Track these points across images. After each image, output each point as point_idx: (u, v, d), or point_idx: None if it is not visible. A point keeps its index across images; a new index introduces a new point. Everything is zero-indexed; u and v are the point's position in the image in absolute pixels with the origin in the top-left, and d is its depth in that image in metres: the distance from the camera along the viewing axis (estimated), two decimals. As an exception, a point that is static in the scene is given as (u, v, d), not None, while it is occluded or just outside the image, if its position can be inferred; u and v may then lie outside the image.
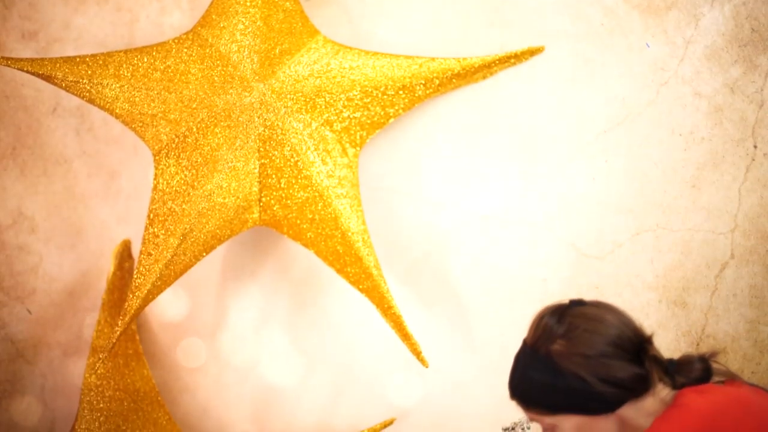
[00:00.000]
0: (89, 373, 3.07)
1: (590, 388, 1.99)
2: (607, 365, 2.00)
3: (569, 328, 2.03)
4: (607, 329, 2.03)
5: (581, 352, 2.00)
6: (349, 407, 3.20)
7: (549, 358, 2.02)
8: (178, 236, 2.80)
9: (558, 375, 2.01)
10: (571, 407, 2.03)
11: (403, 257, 3.11)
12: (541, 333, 2.06)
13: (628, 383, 2.01)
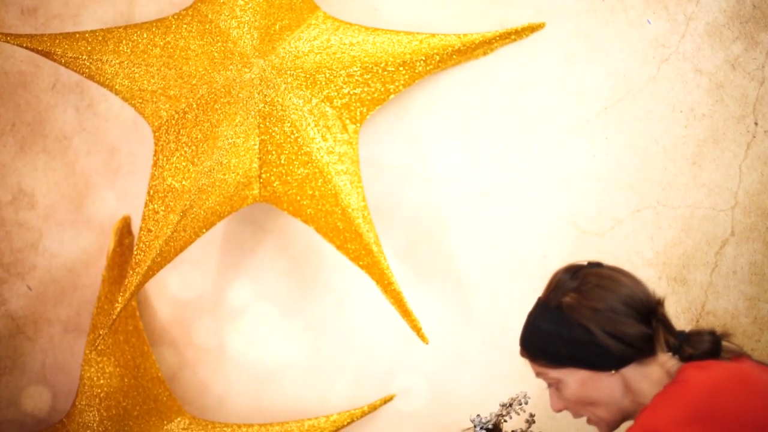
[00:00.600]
0: (89, 350, 3.08)
1: (596, 341, 2.02)
2: (615, 320, 2.03)
3: (582, 283, 2.07)
4: (620, 287, 2.06)
5: (591, 305, 2.03)
6: (348, 383, 3.20)
7: (559, 309, 2.06)
8: (178, 212, 2.80)
9: (565, 326, 2.05)
10: (575, 360, 2.06)
11: (403, 234, 3.11)
12: (554, 287, 2.11)
13: (633, 341, 2.03)
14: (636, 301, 2.06)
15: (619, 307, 2.04)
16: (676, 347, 2.07)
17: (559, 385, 2.13)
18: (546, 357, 2.11)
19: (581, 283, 2.08)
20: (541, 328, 2.11)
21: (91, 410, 3.04)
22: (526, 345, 2.15)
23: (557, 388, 2.14)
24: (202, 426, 3.15)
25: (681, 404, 1.95)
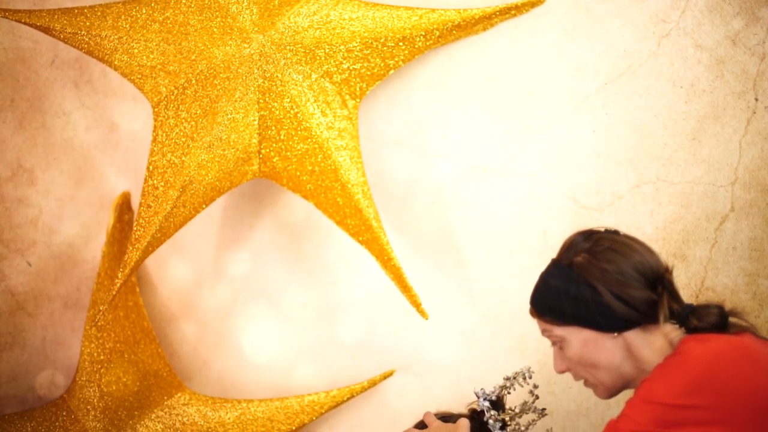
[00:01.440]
0: (90, 325, 3.08)
1: (601, 301, 2.06)
2: (622, 283, 2.06)
3: (594, 244, 2.12)
4: (632, 253, 2.10)
5: (601, 266, 2.07)
6: (348, 359, 3.21)
7: (569, 268, 2.11)
8: (177, 188, 2.79)
9: (573, 283, 2.09)
10: (579, 319, 2.10)
11: (402, 209, 3.11)
12: (568, 247, 2.17)
13: (638, 305, 2.06)
14: (645, 267, 2.09)
15: (628, 270, 2.07)
16: (683, 318, 2.09)
17: (563, 344, 2.17)
18: (552, 314, 2.15)
19: (594, 245, 2.13)
20: (550, 285, 2.16)
21: (91, 386, 3.05)
22: (535, 301, 2.20)
23: (561, 348, 2.19)
24: (202, 401, 3.15)
25: (680, 376, 1.96)
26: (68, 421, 3.05)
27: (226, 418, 3.11)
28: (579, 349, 2.14)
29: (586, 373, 2.20)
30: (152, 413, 3.11)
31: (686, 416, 1.92)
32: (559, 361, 2.23)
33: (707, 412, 1.92)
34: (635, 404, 1.98)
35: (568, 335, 2.15)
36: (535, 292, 2.22)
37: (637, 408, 1.97)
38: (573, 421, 3.03)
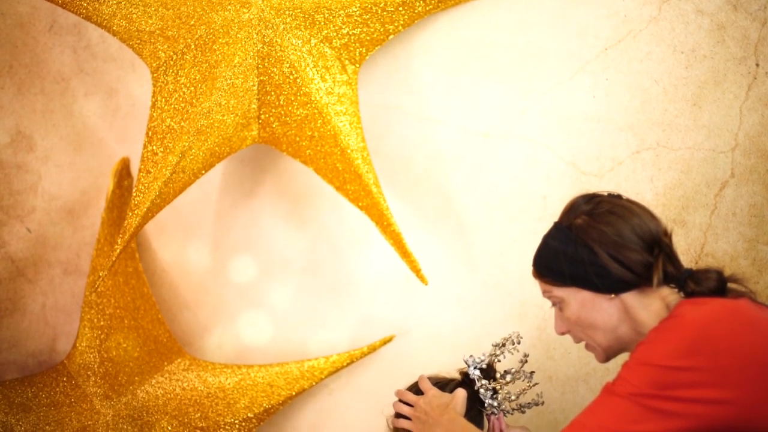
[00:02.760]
0: (89, 291, 3.08)
1: (598, 262, 2.09)
2: (620, 245, 2.09)
3: (595, 207, 2.15)
4: (631, 216, 2.13)
5: (599, 228, 2.10)
6: (348, 325, 3.21)
7: (569, 229, 2.15)
8: (176, 154, 2.79)
9: (571, 244, 2.13)
10: (577, 280, 2.13)
11: (402, 175, 3.10)
12: (569, 209, 2.20)
13: (634, 267, 2.09)
14: (644, 230, 2.11)
15: (626, 233, 2.10)
16: (681, 283, 2.11)
17: (562, 305, 2.20)
18: (551, 275, 2.19)
19: (594, 207, 2.15)
20: (550, 246, 2.20)
21: (91, 352, 3.05)
22: (536, 262, 2.25)
23: (560, 309, 2.22)
24: (202, 367, 3.16)
25: (676, 338, 1.97)
26: (69, 387, 3.06)
27: (227, 384, 3.12)
28: (577, 310, 2.17)
29: (584, 335, 2.22)
30: (152, 379, 3.12)
31: (682, 378, 1.93)
32: (558, 323, 2.27)
33: (703, 373, 1.93)
34: (631, 366, 1.99)
35: (567, 296, 2.18)
36: (536, 254, 2.25)
37: (633, 370, 1.98)
38: (572, 386, 3.04)
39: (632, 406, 1.95)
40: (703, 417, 1.94)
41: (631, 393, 1.95)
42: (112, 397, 3.04)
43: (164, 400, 3.08)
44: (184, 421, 3.06)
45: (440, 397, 2.38)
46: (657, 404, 1.93)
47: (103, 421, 3.01)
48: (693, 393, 1.92)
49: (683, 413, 1.93)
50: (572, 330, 2.24)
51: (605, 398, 2.01)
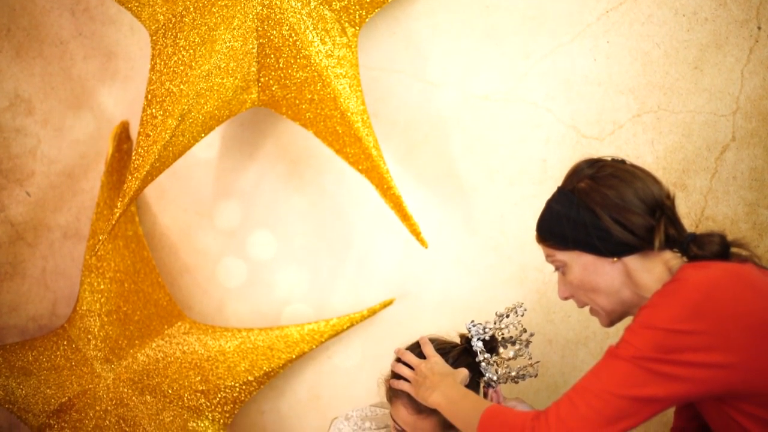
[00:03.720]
0: (89, 255, 3.08)
1: (600, 225, 2.10)
2: (622, 208, 2.09)
3: (598, 171, 2.15)
4: (634, 180, 2.13)
5: (602, 191, 2.11)
6: (348, 288, 3.22)
7: (572, 193, 2.15)
8: (176, 117, 2.78)
9: (574, 208, 2.13)
10: (579, 243, 2.14)
11: (402, 138, 3.10)
12: (572, 173, 2.20)
13: (636, 230, 2.09)
14: (647, 194, 2.12)
15: (628, 197, 2.10)
16: (684, 247, 2.11)
17: (565, 269, 2.20)
18: (554, 238, 2.19)
19: (597, 171, 2.15)
20: (552, 210, 2.20)
21: (91, 315, 3.06)
22: (539, 226, 2.25)
23: (563, 273, 2.22)
24: (202, 330, 3.17)
25: (679, 301, 1.97)
26: (69, 351, 3.06)
27: (227, 347, 3.12)
28: (579, 274, 2.18)
29: (587, 299, 2.23)
30: (153, 342, 3.12)
31: (685, 341, 1.93)
32: (561, 287, 2.27)
33: (706, 337, 1.93)
34: (634, 330, 1.99)
35: (570, 260, 2.18)
36: (539, 218, 2.25)
37: (637, 333, 1.98)
38: (572, 350, 3.04)
39: (636, 369, 1.96)
40: (706, 381, 1.95)
41: (635, 356, 1.96)
42: (113, 361, 3.05)
43: (165, 364, 3.09)
44: (185, 384, 3.07)
45: (443, 366, 2.39)
46: (660, 368, 1.94)
47: (103, 385, 3.02)
48: (696, 357, 1.93)
49: (686, 377, 1.94)
50: (575, 294, 2.25)
51: (609, 361, 2.01)
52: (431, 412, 2.40)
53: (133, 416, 3.00)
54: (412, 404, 2.41)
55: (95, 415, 3.01)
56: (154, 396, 3.04)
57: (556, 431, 1.99)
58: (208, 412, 3.10)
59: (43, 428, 3.03)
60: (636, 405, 1.96)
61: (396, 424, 2.47)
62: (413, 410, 2.41)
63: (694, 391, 1.96)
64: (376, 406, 2.73)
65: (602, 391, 1.99)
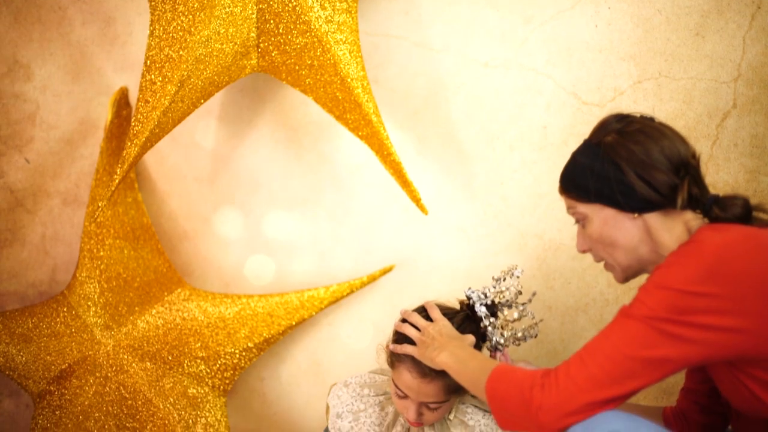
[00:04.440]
0: (89, 221, 3.08)
1: (624, 179, 2.10)
2: (647, 164, 2.09)
3: (626, 125, 2.15)
4: (661, 137, 2.13)
5: (628, 146, 2.11)
6: (348, 254, 3.22)
7: (598, 146, 2.15)
8: (175, 83, 2.77)
9: (599, 161, 2.14)
10: (602, 196, 2.14)
11: (403, 104, 3.09)
12: (600, 127, 2.20)
13: (660, 187, 2.09)
14: (672, 152, 2.11)
15: (654, 153, 2.10)
16: (706, 208, 2.12)
17: (585, 222, 2.21)
18: (577, 190, 2.20)
19: (625, 126, 2.15)
20: (577, 162, 2.20)
21: (91, 282, 3.06)
22: (562, 177, 2.25)
23: (583, 226, 2.23)
24: (202, 296, 3.17)
25: (694, 263, 1.97)
26: (69, 317, 3.07)
27: (227, 314, 3.13)
28: (599, 228, 2.18)
29: (604, 253, 2.23)
30: (152, 309, 3.12)
31: (699, 304, 1.93)
32: (580, 240, 2.27)
33: (719, 300, 1.93)
34: (648, 289, 1.99)
35: (591, 213, 2.19)
36: (564, 169, 2.25)
37: (651, 293, 1.98)
38: (571, 317, 3.05)
39: (647, 330, 1.96)
40: (717, 344, 1.94)
41: (647, 316, 1.96)
42: (113, 327, 3.05)
43: (164, 330, 3.09)
44: (185, 350, 3.07)
45: (451, 329, 2.40)
46: (672, 329, 1.94)
47: (103, 351, 3.03)
48: (709, 319, 1.93)
49: (698, 339, 1.93)
50: (593, 248, 2.25)
51: (621, 321, 2.01)
52: (435, 376, 2.40)
53: (133, 383, 3.00)
54: (417, 368, 2.41)
55: (95, 382, 3.01)
56: (154, 362, 3.05)
57: (565, 389, 1.99)
58: (208, 378, 3.10)
59: (43, 395, 3.04)
60: (646, 366, 1.96)
61: (398, 389, 2.48)
62: (417, 374, 2.41)
63: (705, 355, 1.96)
64: (375, 373, 2.73)
65: (613, 351, 1.99)
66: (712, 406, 2.41)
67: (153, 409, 2.99)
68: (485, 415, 2.58)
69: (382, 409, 2.64)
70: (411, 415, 2.47)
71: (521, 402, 2.05)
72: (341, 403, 2.66)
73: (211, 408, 3.10)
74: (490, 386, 2.13)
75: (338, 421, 2.64)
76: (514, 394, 2.07)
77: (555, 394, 2.00)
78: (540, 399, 2.02)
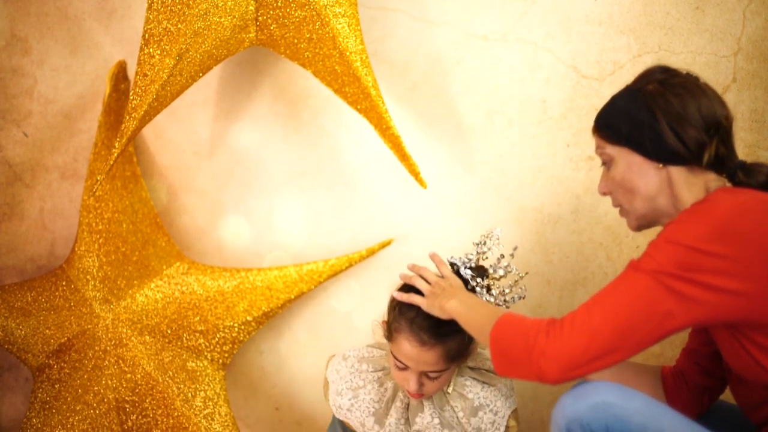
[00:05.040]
0: (87, 195, 3.08)
1: (657, 128, 2.13)
2: (682, 118, 2.12)
3: (669, 77, 2.19)
4: (701, 94, 2.15)
5: (667, 97, 2.13)
6: (347, 228, 3.22)
7: (638, 92, 2.18)
8: (174, 57, 2.76)
9: (635, 106, 2.16)
10: (632, 141, 2.17)
11: (401, 77, 3.09)
12: (644, 75, 2.23)
13: (689, 143, 2.12)
14: (709, 111, 2.13)
15: (690, 109, 2.12)
16: (731, 172, 2.15)
17: (611, 164, 2.24)
18: (609, 130, 2.23)
19: (668, 77, 2.19)
20: (615, 104, 2.23)
21: (90, 256, 3.06)
22: (598, 117, 2.27)
23: (608, 168, 2.25)
24: (201, 270, 3.17)
25: (706, 222, 1.99)
26: (68, 291, 3.07)
27: (225, 287, 3.13)
28: (623, 171, 2.21)
29: (623, 198, 2.25)
30: (151, 282, 3.13)
31: (706, 263, 1.95)
32: (603, 182, 2.29)
33: (726, 261, 1.94)
34: (658, 244, 2.01)
35: (618, 156, 2.21)
36: (601, 109, 2.28)
37: (660, 248, 2.00)
38: (570, 290, 3.06)
39: (654, 284, 1.97)
40: (720, 305, 1.96)
41: (655, 270, 1.98)
42: (112, 301, 3.06)
43: (163, 304, 3.10)
44: (184, 324, 3.07)
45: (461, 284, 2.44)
46: (678, 286, 1.95)
47: (102, 325, 3.03)
48: (714, 280, 1.94)
49: (702, 299, 1.95)
50: (613, 191, 2.27)
51: (629, 274, 2.03)
52: (434, 343, 2.41)
53: (132, 356, 3.01)
54: (415, 336, 2.42)
55: (94, 356, 3.02)
56: (153, 336, 3.05)
57: (569, 338, 2.01)
58: (207, 352, 3.11)
59: (42, 368, 3.04)
60: (649, 320, 1.98)
61: (397, 361, 2.48)
62: (417, 342, 2.42)
63: (708, 315, 1.98)
64: (373, 347, 2.74)
65: (618, 304, 2.01)
66: (712, 369, 2.42)
67: (152, 383, 3.00)
68: (484, 388, 2.59)
69: (380, 385, 2.64)
70: (412, 386, 2.47)
71: (525, 347, 2.07)
72: (340, 379, 2.66)
73: (210, 381, 3.11)
74: (495, 332, 2.15)
75: (338, 399, 2.65)
76: (519, 339, 2.09)
77: (559, 343, 2.02)
78: (543, 345, 2.03)
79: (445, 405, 2.58)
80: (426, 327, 2.42)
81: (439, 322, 2.39)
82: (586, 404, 2.07)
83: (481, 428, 2.57)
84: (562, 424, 2.09)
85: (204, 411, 3.03)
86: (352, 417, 2.63)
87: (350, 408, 2.63)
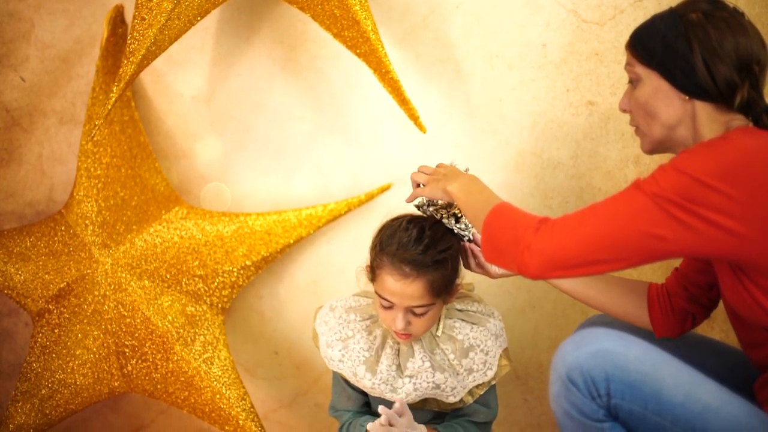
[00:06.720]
0: (85, 140, 3.07)
1: (690, 58, 2.10)
2: (716, 53, 2.09)
3: (714, 9, 2.15)
4: (743, 33, 2.12)
5: (707, 29, 2.10)
6: (346, 173, 3.22)
7: (680, 18, 2.14)
8: (171, 0, 2.74)
9: (673, 31, 2.13)
10: (663, 66, 2.15)
11: (401, 21, 3.07)
12: (690, 1, 2.19)
13: (719, 80, 2.10)
14: (746, 51, 2.10)
15: (727, 45, 2.09)
16: (758, 115, 2.12)
17: (637, 83, 2.22)
18: (642, 49, 2.20)
19: (713, 10, 2.14)
20: (655, 24, 2.20)
21: (89, 201, 3.06)
22: (634, 33, 2.25)
23: (634, 87, 2.24)
24: (199, 215, 3.17)
25: (716, 157, 1.99)
26: (67, 236, 3.07)
27: (224, 232, 3.13)
28: (647, 94, 2.20)
29: (642, 120, 2.25)
30: (150, 227, 3.13)
31: (710, 198, 1.95)
32: (625, 99, 2.29)
33: (730, 202, 1.94)
34: (666, 169, 2.01)
35: (646, 77, 2.20)
36: (639, 26, 2.25)
37: (667, 173, 2.00)
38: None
39: (653, 206, 1.98)
40: (714, 241, 1.96)
41: (656, 193, 1.98)
42: (111, 246, 3.06)
43: (162, 249, 3.10)
44: (183, 269, 3.08)
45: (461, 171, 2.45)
46: (678, 213, 1.96)
47: (101, 270, 3.04)
48: (715, 215, 1.94)
49: (698, 230, 1.95)
50: (633, 111, 2.27)
51: (630, 191, 2.04)
52: (417, 275, 2.43)
53: (132, 301, 3.02)
54: (397, 270, 2.44)
55: (94, 300, 3.03)
56: (153, 281, 3.06)
57: (557, 239, 2.03)
58: (206, 296, 3.12)
59: (42, 313, 3.05)
60: (640, 240, 1.99)
61: (382, 299, 2.49)
62: (399, 275, 2.43)
63: (700, 247, 1.98)
64: (359, 296, 2.75)
65: (613, 217, 2.02)
66: (698, 297, 2.44)
67: (151, 327, 3.01)
68: (473, 328, 2.60)
69: (369, 333, 2.65)
70: (399, 324, 2.48)
71: (513, 238, 2.08)
72: (329, 330, 2.67)
73: (210, 326, 3.12)
74: (489, 218, 2.17)
75: (328, 351, 2.66)
76: (509, 229, 2.11)
77: (546, 242, 2.03)
78: (531, 239, 2.05)
79: (435, 348, 2.59)
80: (407, 259, 2.43)
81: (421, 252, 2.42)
82: (587, 352, 2.08)
83: (473, 369, 2.59)
84: (563, 371, 2.10)
85: (203, 355, 3.05)
86: (344, 368, 2.64)
87: (341, 359, 2.63)
